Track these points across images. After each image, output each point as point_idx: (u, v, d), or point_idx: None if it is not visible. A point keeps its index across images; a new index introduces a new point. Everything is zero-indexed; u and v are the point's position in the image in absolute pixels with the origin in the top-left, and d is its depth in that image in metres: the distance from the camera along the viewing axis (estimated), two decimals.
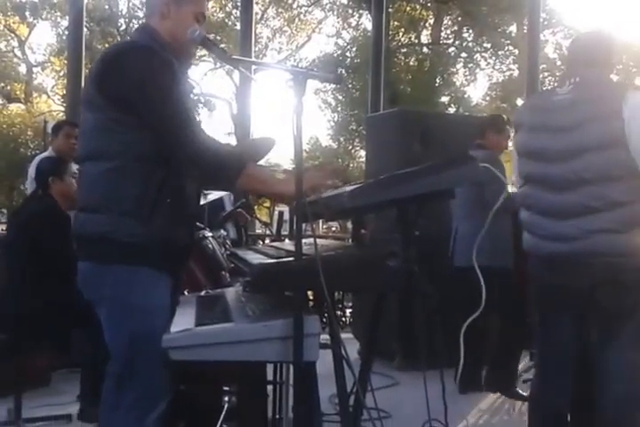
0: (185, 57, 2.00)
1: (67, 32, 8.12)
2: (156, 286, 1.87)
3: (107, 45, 16.78)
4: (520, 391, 3.93)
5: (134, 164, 1.81)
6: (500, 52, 20.36)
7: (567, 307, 2.45)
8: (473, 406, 3.74)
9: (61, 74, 20.57)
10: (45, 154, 4.46)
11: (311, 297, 2.10)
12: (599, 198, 2.27)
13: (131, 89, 1.79)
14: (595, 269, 2.29)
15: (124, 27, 20.10)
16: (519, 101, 17.25)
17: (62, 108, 19.46)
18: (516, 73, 19.78)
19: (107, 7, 19.98)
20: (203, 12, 2.00)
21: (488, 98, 21.89)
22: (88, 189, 1.89)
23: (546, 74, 17.31)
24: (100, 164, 1.84)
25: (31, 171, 4.26)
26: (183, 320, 1.75)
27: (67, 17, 9.25)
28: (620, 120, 2.23)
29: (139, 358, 1.82)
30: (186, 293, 2.64)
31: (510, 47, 20.13)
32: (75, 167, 3.18)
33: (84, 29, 6.71)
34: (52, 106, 22.66)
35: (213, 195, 3.68)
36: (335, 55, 20.27)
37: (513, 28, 19.92)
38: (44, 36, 37.48)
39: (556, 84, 2.53)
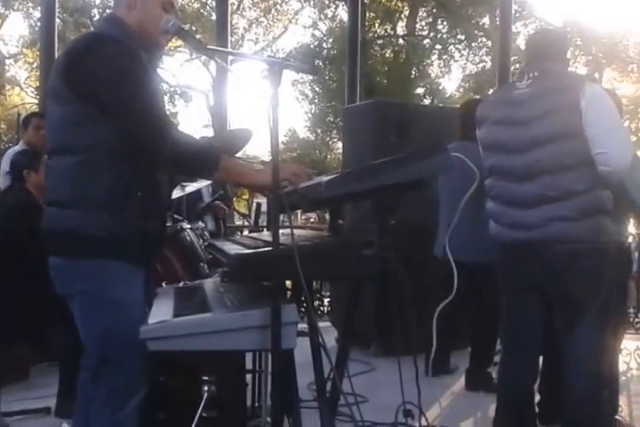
0: (154, 48, 1.97)
1: (39, 23, 7.99)
2: (130, 278, 1.86)
3: None
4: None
5: (103, 157, 1.80)
6: (473, 44, 20.48)
7: (530, 293, 2.53)
8: (445, 389, 3.82)
9: (34, 66, 20.23)
10: (17, 147, 4.44)
11: (290, 287, 2.13)
12: (556, 188, 2.36)
13: (100, 84, 1.78)
14: (554, 256, 2.38)
15: (97, 17, 19.78)
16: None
17: (36, 101, 19.15)
18: (488, 65, 19.92)
19: None
20: (171, 0, 1.96)
21: (462, 89, 22.01)
22: (56, 183, 1.87)
23: (517, 65, 17.43)
24: (68, 158, 1.82)
25: (4, 164, 4.24)
26: (161, 311, 1.76)
27: (39, 8, 9.12)
28: (577, 111, 2.31)
29: (113, 352, 1.83)
30: (164, 285, 2.65)
31: (483, 39, 20.26)
32: None
33: (57, 20, 6.60)
34: (25, 98, 22.28)
35: (191, 187, 3.67)
36: (312, 46, 20.22)
37: (486, 20, 20.05)
38: (16, 28, 36.79)
39: (515, 79, 2.61)
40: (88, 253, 1.81)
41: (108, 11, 19.52)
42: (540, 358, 2.77)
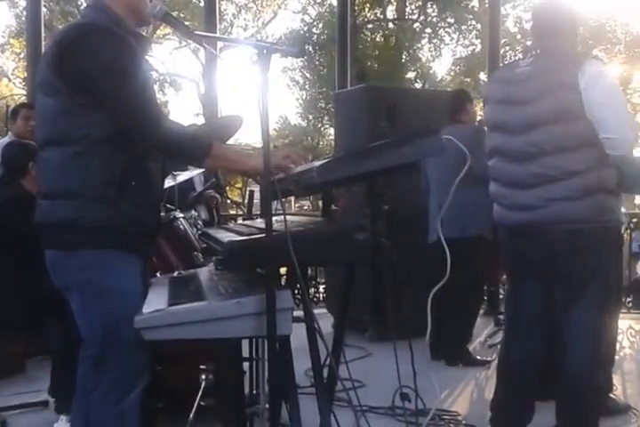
0: (144, 26, 1.95)
1: (25, 12, 7.88)
2: (127, 267, 1.86)
3: None
4: (477, 357, 4.07)
5: (98, 147, 1.78)
6: (463, 27, 20.36)
7: (533, 273, 2.53)
8: (441, 372, 3.85)
9: (22, 56, 19.98)
10: (5, 139, 4.38)
11: (284, 273, 2.12)
12: (556, 168, 2.33)
13: (91, 75, 1.76)
14: (555, 235, 2.37)
15: (84, 6, 19.53)
16: (482, 76, 17.33)
17: (24, 92, 18.93)
18: (478, 48, 19.82)
19: None
20: None
21: (452, 73, 21.92)
22: (51, 174, 1.84)
23: (507, 48, 17.39)
24: (61, 149, 1.80)
25: None
26: (156, 301, 1.75)
27: None
28: (576, 92, 2.27)
29: (115, 341, 1.82)
30: (158, 275, 2.64)
31: (473, 22, 20.14)
32: None
33: (43, 9, 6.50)
34: (13, 89, 22.05)
35: (183, 175, 3.65)
36: (302, 32, 20.06)
37: (475, 3, 19.92)
38: (1, 18, 36.12)
39: (519, 57, 2.58)
40: (84, 244, 1.80)
41: None
42: None
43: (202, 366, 3.06)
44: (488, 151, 2.65)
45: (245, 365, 2.74)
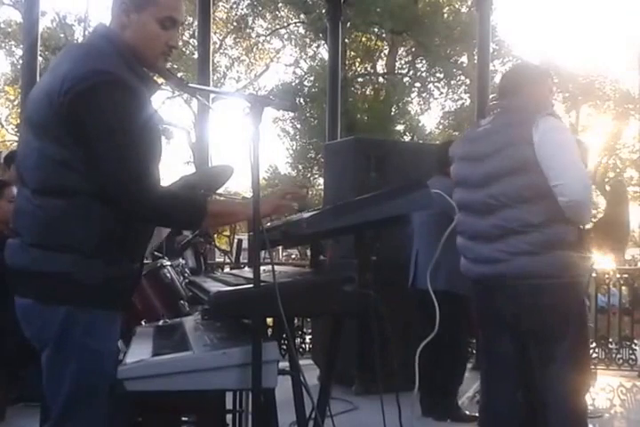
0: (152, 69, 1.81)
1: (21, 61, 8.02)
2: (109, 326, 1.74)
3: None
4: (466, 412, 4.00)
5: (95, 202, 1.67)
6: (452, 82, 20.90)
7: (501, 327, 2.52)
8: None
9: (15, 103, 20.24)
10: None
11: (271, 324, 2.11)
12: (515, 220, 2.36)
13: (92, 136, 1.64)
14: (517, 291, 2.37)
15: None
16: None
17: (16, 138, 19.07)
18: (467, 102, 20.30)
19: (62, 35, 19.84)
20: (170, 15, 1.73)
21: (441, 126, 22.37)
22: (45, 226, 1.69)
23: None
24: (59, 200, 1.67)
25: None
26: (140, 350, 1.73)
27: (21, 46, 9.16)
28: (530, 145, 2.33)
29: (80, 407, 1.69)
30: (143, 323, 2.61)
31: (462, 77, 20.71)
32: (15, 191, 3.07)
33: (39, 58, 6.63)
34: (5, 136, 22.24)
35: None
36: (293, 84, 20.50)
37: (464, 59, 20.52)
38: None
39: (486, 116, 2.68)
40: (70, 299, 1.67)
41: None
42: None
43: (183, 418, 2.99)
44: (455, 206, 2.69)
45: (228, 416, 2.68)
